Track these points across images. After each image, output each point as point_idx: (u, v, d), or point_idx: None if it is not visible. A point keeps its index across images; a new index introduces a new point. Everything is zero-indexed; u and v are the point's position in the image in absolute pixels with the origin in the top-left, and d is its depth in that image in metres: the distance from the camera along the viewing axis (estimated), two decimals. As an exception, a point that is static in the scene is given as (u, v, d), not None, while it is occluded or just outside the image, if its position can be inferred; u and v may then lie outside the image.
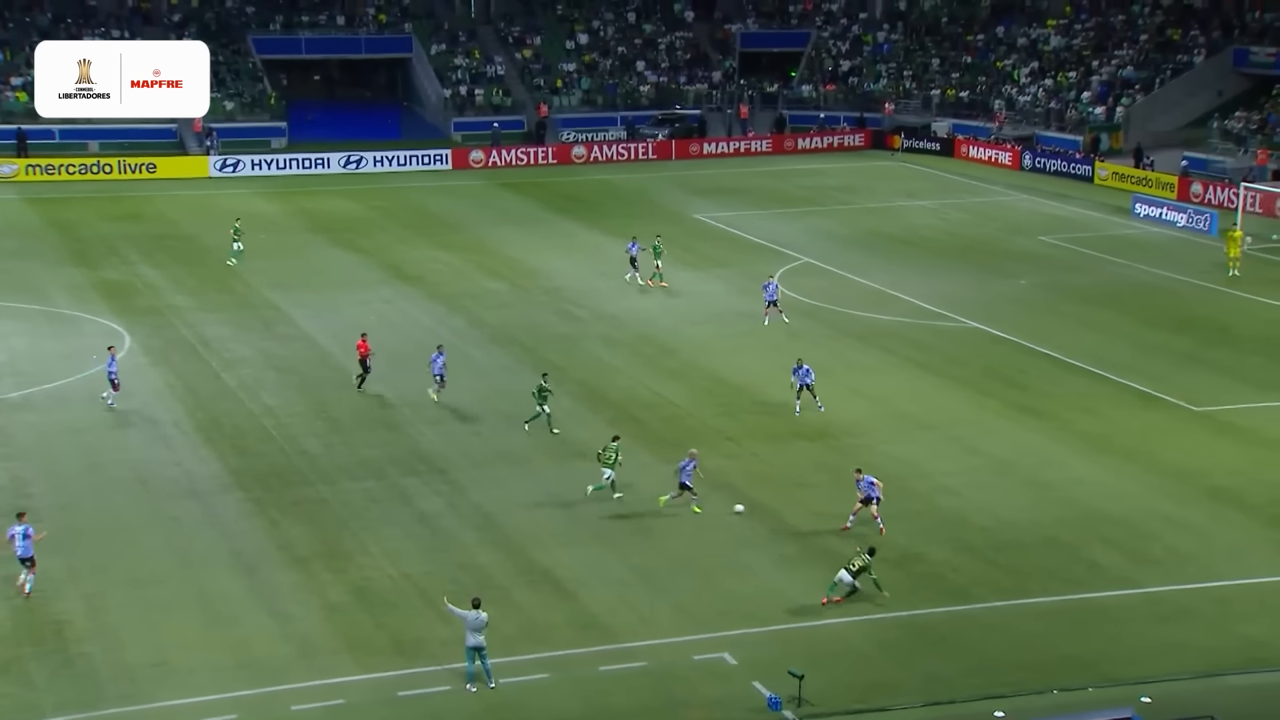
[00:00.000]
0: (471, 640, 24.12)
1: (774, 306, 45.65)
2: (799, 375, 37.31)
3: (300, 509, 31.25)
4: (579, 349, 43.28)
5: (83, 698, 23.68)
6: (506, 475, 33.44)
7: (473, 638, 24.12)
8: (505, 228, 60.28)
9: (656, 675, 24.86)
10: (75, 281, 49.80)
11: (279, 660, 24.99)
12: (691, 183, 71.26)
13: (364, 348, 38.60)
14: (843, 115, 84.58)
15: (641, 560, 29.14)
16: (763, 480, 33.28)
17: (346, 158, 73.15)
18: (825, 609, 27.08)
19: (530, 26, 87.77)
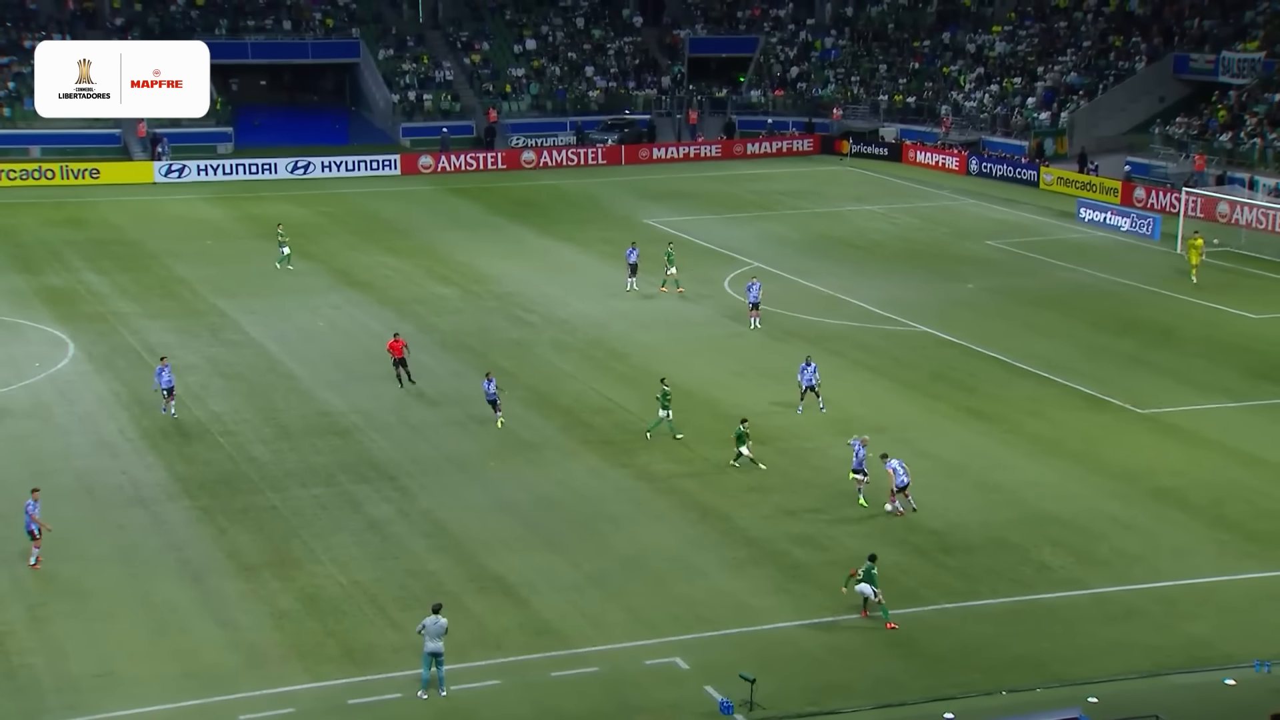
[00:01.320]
0: (431, 646, 23.99)
1: (755, 309, 45.76)
2: (804, 375, 37.68)
3: (249, 516, 30.98)
4: (530, 354, 43.19)
5: (25, 709, 23.36)
6: (457, 481, 33.30)
7: (432, 643, 23.99)
8: (455, 233, 60.09)
9: (608, 680, 24.82)
10: (17, 288, 49.18)
11: (227, 669, 24.75)
12: (641, 188, 71.33)
13: (397, 347, 38.45)
14: (791, 120, 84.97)
15: (593, 565, 29.10)
16: (712, 485, 33.31)
17: (294, 163, 72.66)
18: (772, 611, 27.15)
19: (479, 32, 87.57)
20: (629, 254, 50.83)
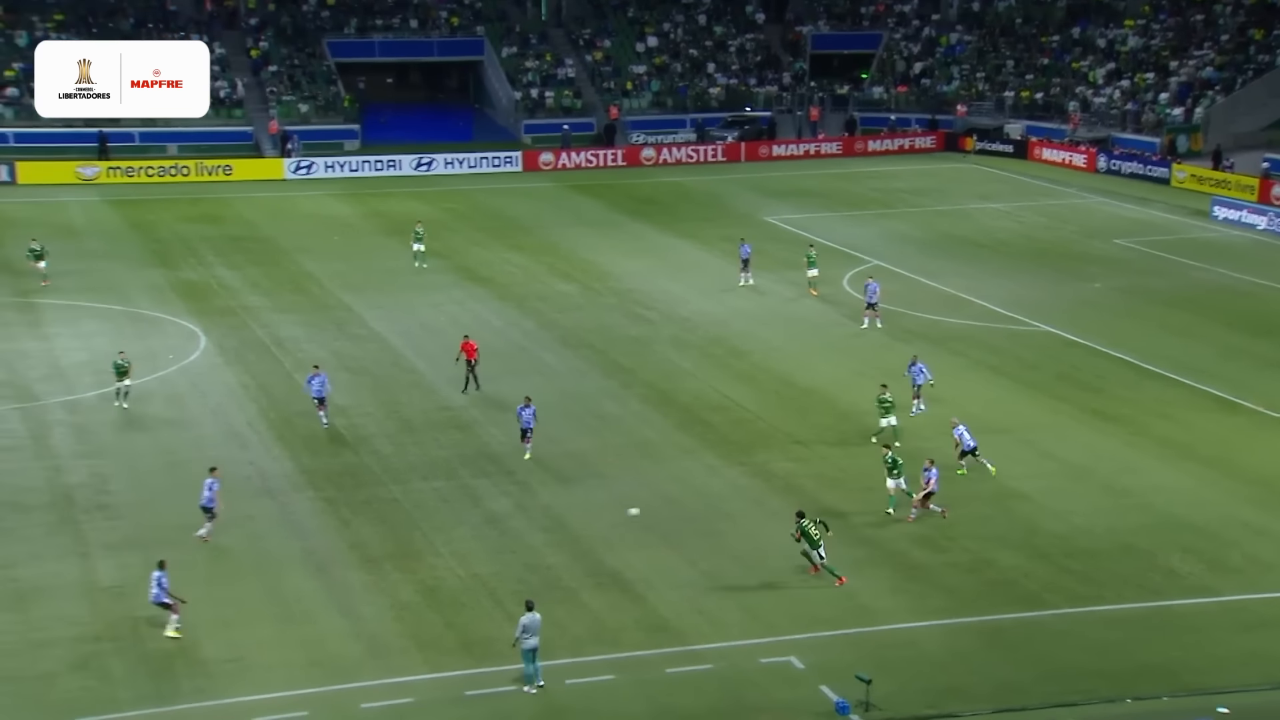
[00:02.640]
0: (532, 643, 24.18)
1: (873, 309, 45.37)
2: (912, 373, 37.29)
3: (371, 509, 31.51)
4: (649, 351, 43.28)
5: (159, 692, 24.02)
6: (575, 477, 33.50)
7: (534, 640, 24.18)
8: (576, 229, 60.44)
9: (724, 678, 24.79)
10: (155, 282, 50.57)
11: (349, 659, 25.20)
12: (762, 185, 71.06)
13: (470, 349, 38.78)
14: (914, 117, 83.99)
15: (709, 563, 29.07)
16: (832, 484, 33.09)
17: (418, 160, 73.72)
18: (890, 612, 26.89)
19: (601, 29, 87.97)
20: (742, 249, 50.67)
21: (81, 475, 32.95)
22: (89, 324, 45.02)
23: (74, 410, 37.16)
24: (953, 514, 31.30)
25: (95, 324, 45.08)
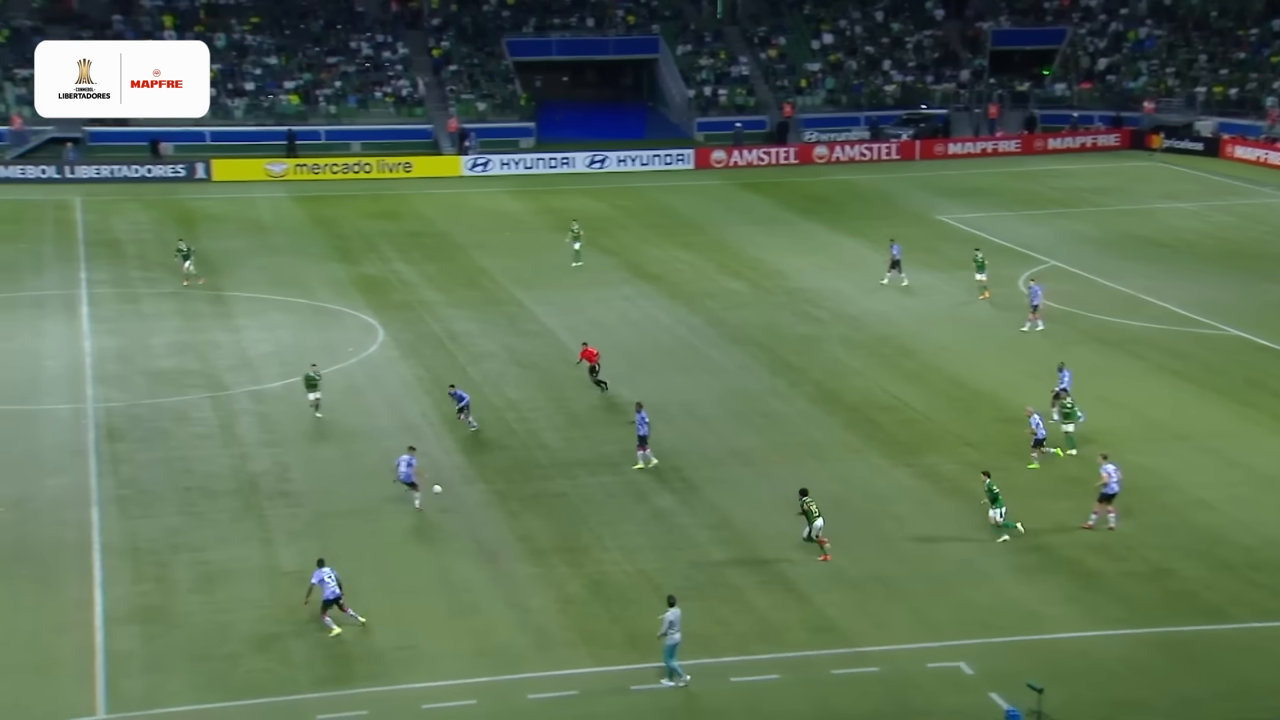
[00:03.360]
0: (677, 638, 24.21)
1: (1035, 311, 44.36)
2: (1062, 379, 36.15)
3: (540, 502, 31.96)
4: (817, 350, 43.00)
5: (335, 675, 24.76)
6: (741, 474, 33.47)
7: (677, 635, 24.21)
8: (746, 227, 60.34)
9: (890, 681, 24.51)
10: (336, 276, 52.07)
11: (517, 649, 25.61)
12: (936, 183, 69.95)
13: (591, 355, 38.91)
14: (1098, 114, 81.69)
15: (876, 564, 28.77)
16: (1003, 488, 32.30)
17: (592, 157, 74.46)
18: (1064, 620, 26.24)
19: (776, 27, 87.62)
20: (893, 249, 49.92)
21: (265, 463, 34.13)
22: (275, 316, 46.59)
23: (259, 400, 38.52)
24: (1132, 522, 30.41)
25: (280, 316, 46.62)
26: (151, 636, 25.82)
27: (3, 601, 27.04)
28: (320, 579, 25.92)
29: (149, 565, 28.64)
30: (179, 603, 26.82)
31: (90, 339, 43.49)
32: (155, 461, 34.04)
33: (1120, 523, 30.45)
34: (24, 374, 40.14)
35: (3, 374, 40.00)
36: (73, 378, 39.86)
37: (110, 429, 36.03)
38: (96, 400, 38.09)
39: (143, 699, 23.94)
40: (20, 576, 27.97)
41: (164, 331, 44.54)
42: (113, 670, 24.68)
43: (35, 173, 68.63)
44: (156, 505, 31.54)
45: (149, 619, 26.44)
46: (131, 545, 29.48)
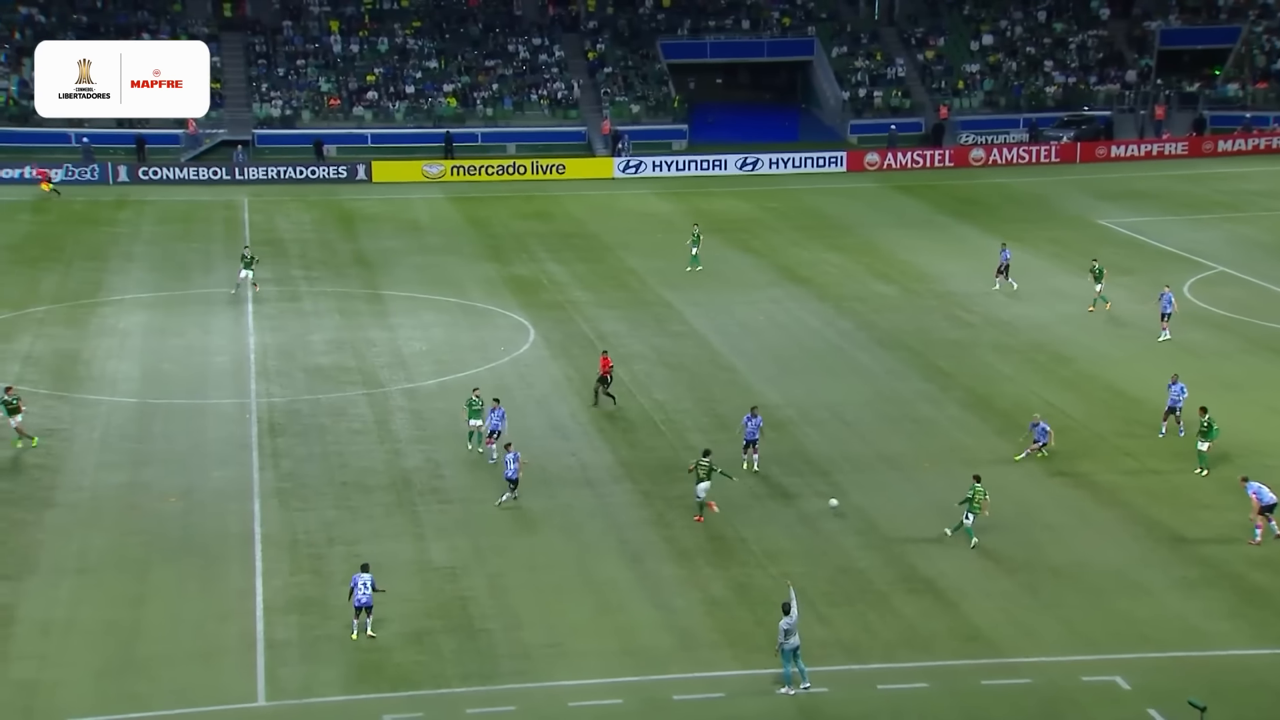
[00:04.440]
0: (794, 642, 24.03)
1: (1166, 320, 43.02)
2: (1171, 393, 34.71)
3: (685, 503, 31.98)
4: (969, 355, 42.30)
5: (483, 671, 25.14)
6: (889, 479, 33.11)
7: (795, 639, 24.03)
8: (898, 230, 59.65)
9: (1042, 693, 24.03)
10: (489, 276, 52.85)
11: (662, 650, 25.71)
12: (1096, 187, 68.24)
13: (606, 364, 38.42)
14: (1273, 115, 78.78)
15: (1027, 574, 28.22)
16: (1163, 499, 31.52)
17: (743, 159, 74.33)
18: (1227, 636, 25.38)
19: (934, 27, 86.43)
20: (1003, 254, 48.74)
21: (418, 460, 34.81)
22: (428, 315, 47.50)
23: (413, 397, 39.31)
24: (1297, 538, 29.35)
25: (433, 315, 47.51)
26: (308, 627, 26.54)
27: (171, 589, 28.05)
28: (355, 584, 25.98)
29: (306, 557, 29.45)
30: (335, 594, 27.51)
31: (254, 336, 44.87)
32: (313, 456, 34.97)
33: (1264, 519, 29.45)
34: (193, 369, 41.57)
35: (173, 369, 41.50)
36: (237, 373, 41.17)
37: (272, 423, 37.12)
38: (259, 395, 39.27)
39: (299, 688, 24.62)
40: (188, 565, 28.99)
41: (323, 329, 45.73)
42: (271, 659, 25.42)
43: (207, 174, 71.05)
44: (313, 499, 32.40)
45: (306, 609, 27.18)
46: (290, 537, 30.34)
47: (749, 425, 33.81)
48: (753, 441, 33.72)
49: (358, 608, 25.98)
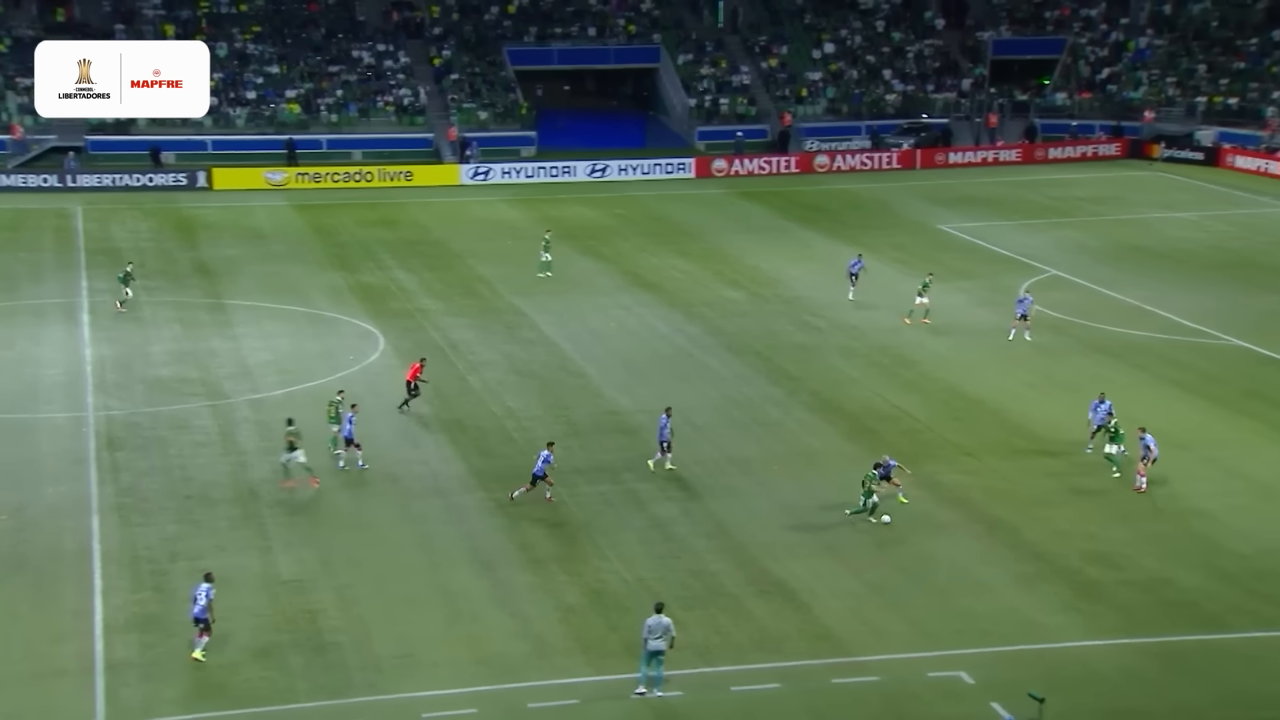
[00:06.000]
0: (654, 645, 24.11)
1: (1024, 320, 44.34)
2: (1095, 412, 34.83)
3: (538, 510, 31.90)
4: (816, 359, 43.00)
5: (333, 685, 24.70)
6: (739, 483, 33.46)
7: (655, 643, 24.10)
8: (745, 236, 60.38)
9: (889, 691, 24.49)
10: (335, 284, 52.05)
11: (516, 658, 25.58)
12: (936, 193, 70.01)
13: (415, 371, 38.33)
14: (1098, 124, 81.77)
15: (875, 574, 28.75)
16: (1001, 497, 32.41)
17: (592, 166, 74.52)
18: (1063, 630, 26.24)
19: (777, 36, 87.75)
20: (852, 264, 49.76)
21: (264, 471, 34.08)
22: (272, 324, 46.57)
23: (258, 408, 38.50)
24: (1131, 531, 30.45)
25: (278, 324, 46.61)
26: (150, 645, 25.79)
27: (1, 610, 26.99)
28: (194, 594, 25.45)
29: (148, 574, 28.62)
30: (178, 611, 26.75)
31: (90, 347, 43.48)
32: (154, 469, 34.02)
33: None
34: (23, 382, 40.13)
35: (2, 382, 40.00)
36: (72, 386, 39.85)
37: (110, 437, 36.02)
38: (96, 408, 38.08)
39: (140, 709, 23.90)
40: (19, 585, 27.94)
41: (163, 340, 44.53)
42: (111, 680, 24.64)
43: (36, 181, 68.65)
44: (155, 513, 31.51)
45: (147, 628, 26.41)
46: (130, 554, 29.45)
47: (663, 427, 33.85)
48: (665, 443, 33.80)
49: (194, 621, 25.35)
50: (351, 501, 32.39)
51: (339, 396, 35.35)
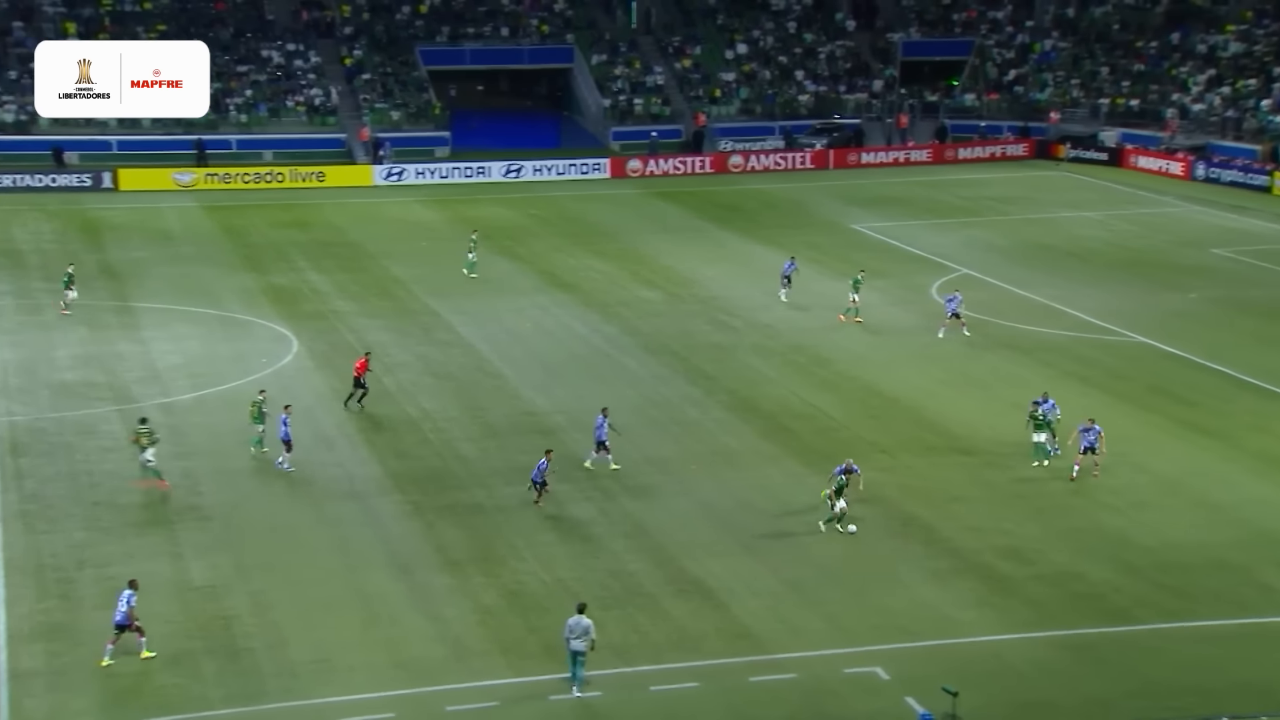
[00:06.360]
0: (574, 645, 24.18)
1: (956, 319, 44.87)
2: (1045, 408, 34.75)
3: (456, 512, 31.75)
4: (732, 358, 43.20)
5: (247, 692, 24.38)
6: (657, 482, 33.51)
7: (575, 643, 24.17)
8: (660, 236, 60.51)
9: (806, 688, 24.65)
10: (246, 286, 51.39)
11: (434, 661, 25.41)
12: (849, 193, 70.66)
13: (362, 367, 38.27)
14: (1005, 125, 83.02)
15: (792, 572, 28.94)
16: (916, 494, 32.79)
17: (507, 166, 74.27)
18: (976, 624, 26.59)
19: (690, 37, 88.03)
20: (786, 266, 50.09)
21: (174, 477, 33.52)
22: (182, 327, 45.87)
23: (169, 412, 37.86)
24: (1041, 527, 30.96)
25: (188, 328, 45.91)
26: (56, 654, 25.27)
27: (-99, 621, 26.33)
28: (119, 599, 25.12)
29: (53, 582, 28.04)
30: (85, 620, 26.27)
31: (-8, 351, 42.53)
32: (60, 475, 33.35)
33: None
34: (-77, 387, 39.16)
35: (-99, 387, 39.01)
36: (-26, 391, 38.95)
37: (13, 443, 35.24)
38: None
39: (46, 719, 23.39)
40: (-80, 595, 27.28)
41: (68, 343, 43.66)
42: (16, 690, 24.11)
43: (-67, 182, 67.06)
44: (62, 520, 30.89)
45: (53, 637, 25.87)
46: (35, 562, 28.84)
47: (599, 427, 33.83)
48: (602, 442, 33.78)
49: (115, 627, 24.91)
50: (265, 505, 31.97)
51: (260, 396, 35.02)
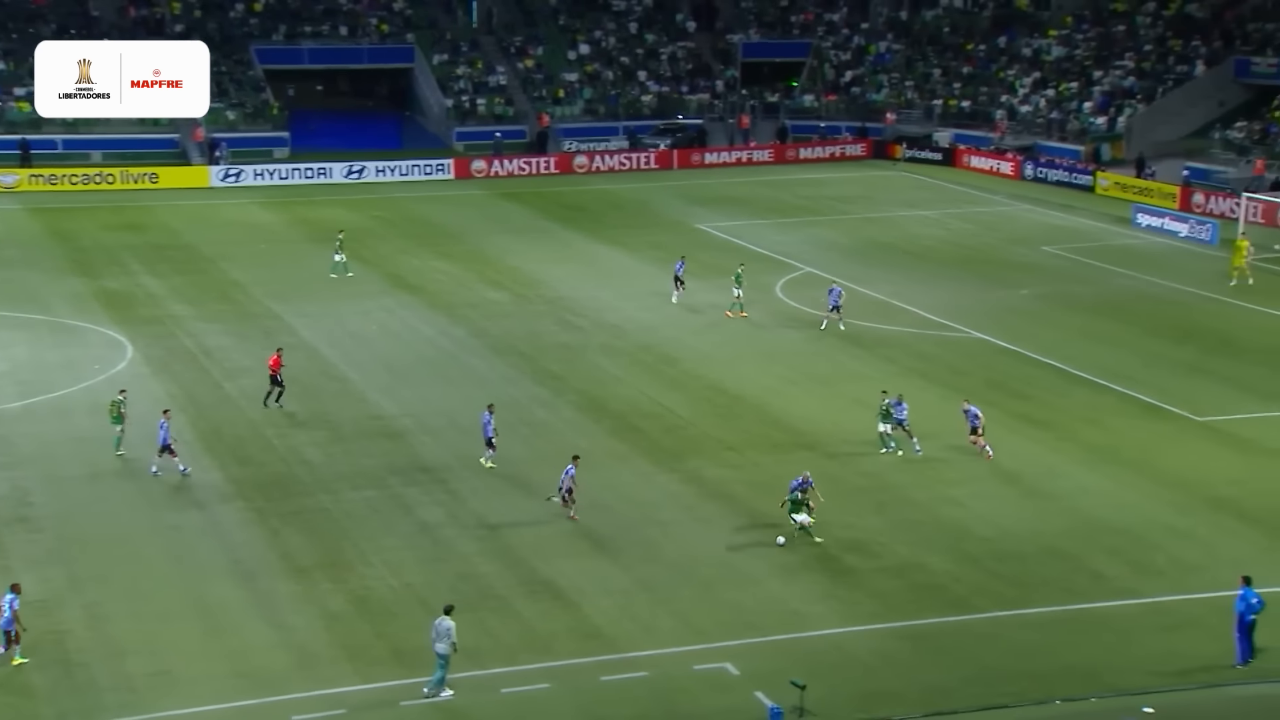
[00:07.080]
0: (436, 647, 24.10)
1: (836, 312, 45.53)
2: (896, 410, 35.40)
3: (301, 518, 31.21)
4: (579, 358, 43.24)
5: (83, 707, 23.65)
6: (507, 485, 33.38)
7: (437, 645, 24.08)
8: (506, 237, 60.28)
9: (657, 685, 24.80)
10: (76, 291, 49.80)
11: (279, 670, 24.95)
12: (693, 192, 71.28)
13: (276, 363, 37.89)
14: (844, 125, 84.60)
15: (642, 570, 29.09)
16: (763, 489, 33.19)
17: (348, 168, 73.18)
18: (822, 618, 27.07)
19: (532, 37, 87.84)
20: (677, 267, 50.49)
21: (3, 488, 32.35)
22: (7, 333, 44.27)
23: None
24: (884, 520, 31.63)
25: (13, 334, 44.31)
26: (-122, 677, 24.19)
27: None
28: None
29: (-126, 601, 26.78)
30: (-91, 639, 25.17)
31: None
32: (-121, 490, 31.90)
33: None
34: None
35: None
36: None
37: None
38: None
39: None
40: None
41: (-114, 351, 41.78)
42: None
43: None
44: (-119, 537, 29.55)
45: (-126, 658, 24.76)
46: None
47: (486, 424, 33.65)
48: (490, 440, 33.60)
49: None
50: (100, 516, 31.00)
51: (121, 396, 34.32)
